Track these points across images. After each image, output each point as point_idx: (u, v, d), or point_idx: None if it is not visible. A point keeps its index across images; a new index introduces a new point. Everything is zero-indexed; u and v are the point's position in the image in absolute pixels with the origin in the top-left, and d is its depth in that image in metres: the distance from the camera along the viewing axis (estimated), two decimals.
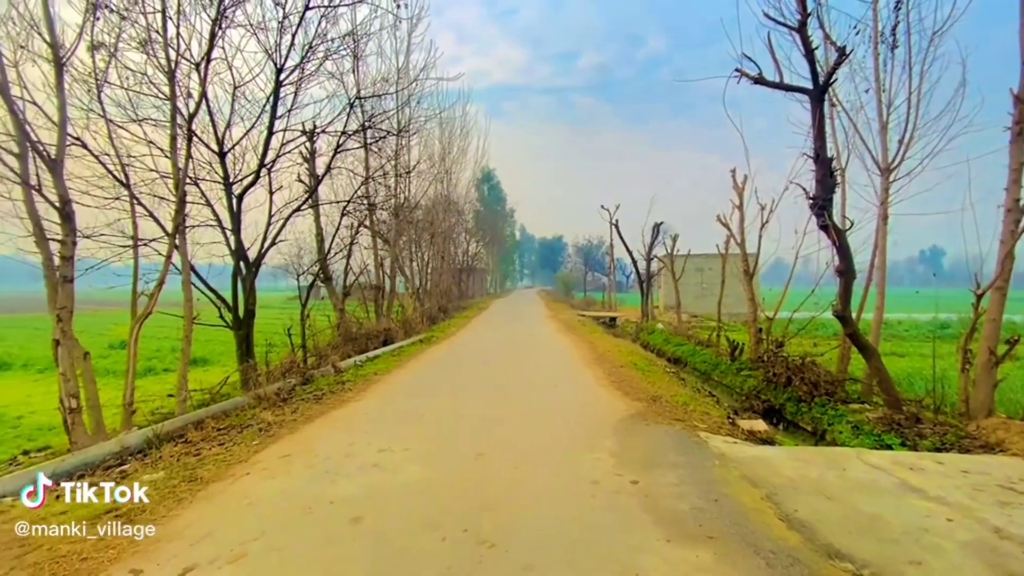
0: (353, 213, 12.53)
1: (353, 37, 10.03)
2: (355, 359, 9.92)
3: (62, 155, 5.62)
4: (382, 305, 15.45)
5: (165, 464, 4.34)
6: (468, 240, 35.96)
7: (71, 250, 5.45)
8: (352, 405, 6.34)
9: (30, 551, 2.92)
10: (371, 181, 13.56)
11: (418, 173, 18.60)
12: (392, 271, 16.88)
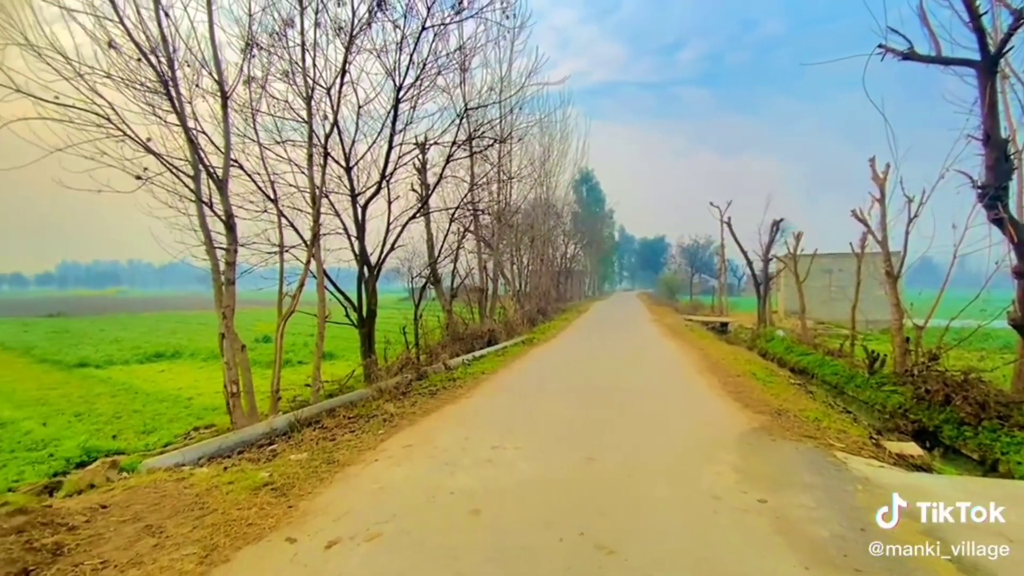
0: (459, 219, 13.15)
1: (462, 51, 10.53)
2: (463, 358, 10.36)
3: (227, 176, 6.56)
4: (485, 307, 15.99)
5: (307, 446, 4.87)
6: (566, 242, 35.88)
7: (233, 257, 6.35)
8: (464, 402, 6.63)
9: (208, 513, 3.44)
10: (476, 188, 14.13)
11: (519, 178, 18.97)
12: (494, 274, 17.39)
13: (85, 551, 3.03)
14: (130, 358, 15.16)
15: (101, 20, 6.09)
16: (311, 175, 7.92)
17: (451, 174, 13.58)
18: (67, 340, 19.62)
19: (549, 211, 25.50)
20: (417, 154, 11.07)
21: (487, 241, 16.24)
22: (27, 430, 7.79)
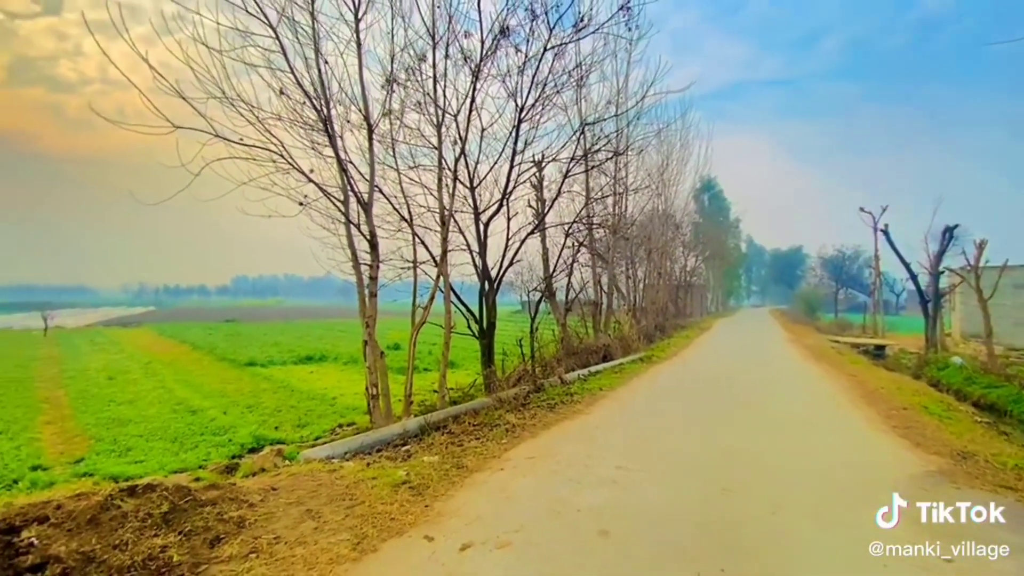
0: (574, 233, 13.18)
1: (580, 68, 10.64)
2: (578, 373, 10.28)
3: (372, 200, 7.32)
4: (599, 321, 15.74)
5: (437, 450, 5.17)
6: (686, 255, 34.05)
7: (376, 272, 7.03)
8: (583, 418, 6.56)
9: (357, 504, 3.80)
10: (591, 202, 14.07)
11: (636, 190, 18.51)
12: (609, 288, 17.08)
13: (262, 526, 3.52)
14: (287, 360, 17.45)
15: (275, 72, 7.22)
16: (440, 196, 8.52)
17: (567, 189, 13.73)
18: (239, 342, 23.22)
19: (667, 222, 24.47)
20: (535, 171, 11.35)
21: (601, 255, 16.04)
22: (212, 417, 9.31)
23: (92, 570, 2.83)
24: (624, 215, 17.40)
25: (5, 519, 3.19)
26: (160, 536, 3.18)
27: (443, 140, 8.66)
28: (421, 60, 8.52)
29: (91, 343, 23.94)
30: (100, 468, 6.52)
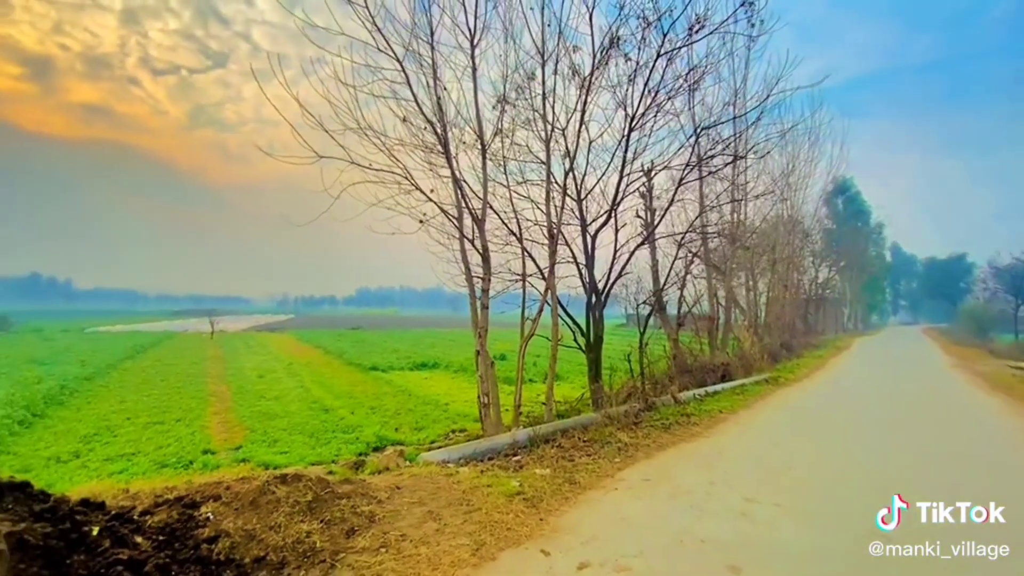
0: (687, 244, 12.52)
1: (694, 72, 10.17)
2: (694, 392, 9.68)
3: (484, 216, 7.63)
4: (716, 337, 14.72)
5: (548, 463, 5.17)
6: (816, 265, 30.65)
7: (488, 284, 7.29)
8: (702, 441, 6.15)
9: (474, 511, 3.91)
10: (706, 211, 13.30)
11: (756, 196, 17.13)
12: (726, 302, 15.94)
13: (389, 523, 3.77)
14: (404, 365, 18.72)
15: (400, 101, 7.87)
16: (548, 210, 8.62)
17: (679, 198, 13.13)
18: (363, 348, 25.40)
19: (794, 229, 22.27)
20: (644, 181, 11.03)
21: (717, 266, 15.04)
22: (342, 416, 10.25)
23: (253, 546, 3.23)
24: (743, 223, 16.20)
25: (188, 494, 3.77)
26: (306, 522, 3.55)
27: (551, 154, 8.79)
28: (530, 78, 8.76)
29: (246, 345, 27.76)
30: (254, 455, 7.49)
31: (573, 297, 10.15)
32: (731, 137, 12.02)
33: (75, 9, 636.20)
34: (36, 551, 2.35)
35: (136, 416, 10.07)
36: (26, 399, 10.92)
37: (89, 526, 2.73)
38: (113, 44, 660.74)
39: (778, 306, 21.19)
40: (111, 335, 35.47)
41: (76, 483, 6.23)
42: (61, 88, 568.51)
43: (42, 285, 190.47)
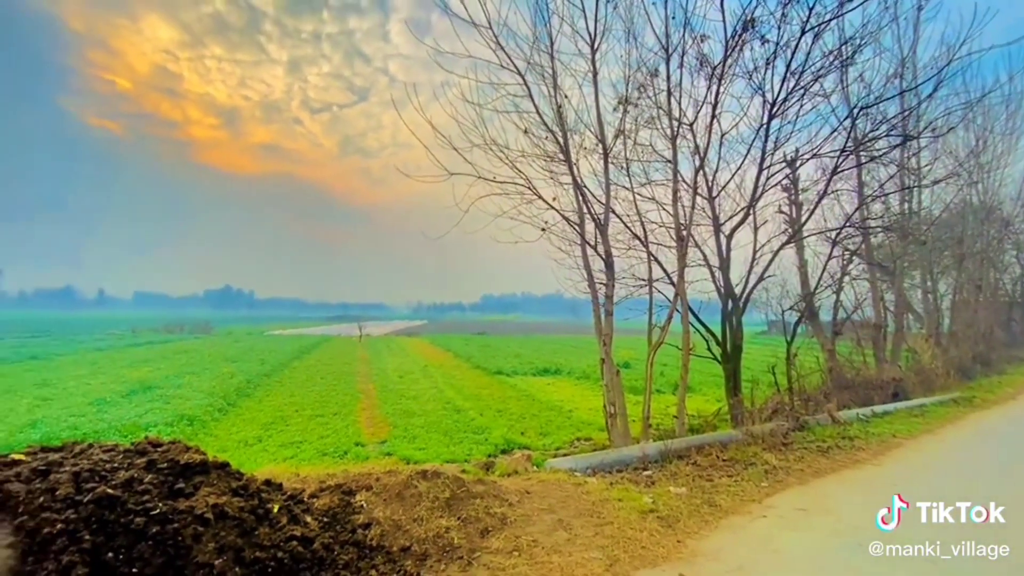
0: (843, 241, 10.95)
1: (848, 45, 8.91)
2: (856, 411, 8.39)
3: (607, 220, 7.47)
4: (882, 348, 12.64)
5: (684, 481, 4.84)
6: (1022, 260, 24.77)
7: (611, 290, 7.12)
8: (870, 470, 5.28)
9: (605, 524, 3.80)
10: (866, 202, 11.52)
11: (933, 181, 14.41)
12: (896, 307, 13.62)
13: (520, 527, 3.82)
14: (527, 371, 19.09)
15: (521, 114, 8.07)
16: (676, 211, 8.16)
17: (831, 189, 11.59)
18: (489, 353, 26.46)
19: (988, 218, 18.28)
20: (787, 172, 9.91)
21: (883, 266, 12.93)
22: (472, 417, 10.74)
23: (400, 535, 3.49)
24: (916, 213, 13.77)
25: (345, 483, 4.21)
26: (444, 518, 3.74)
27: (678, 152, 8.33)
28: (653, 75, 8.41)
29: (387, 348, 30.62)
30: (397, 450, 8.16)
31: (706, 303, 9.47)
32: (898, 115, 10.31)
33: (253, 65, 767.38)
34: (233, 521, 2.78)
35: (303, 409, 11.62)
36: (223, 391, 13.24)
37: (271, 503, 3.17)
38: (281, 91, 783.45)
39: (968, 311, 17.51)
40: (282, 337, 41.60)
41: (258, 465, 7.35)
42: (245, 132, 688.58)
43: (232, 295, 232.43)
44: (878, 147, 9.82)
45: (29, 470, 2.37)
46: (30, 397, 12.26)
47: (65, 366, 19.20)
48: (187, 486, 2.76)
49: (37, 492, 2.20)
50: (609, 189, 7.71)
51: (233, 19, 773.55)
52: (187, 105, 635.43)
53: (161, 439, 3.12)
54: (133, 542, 2.28)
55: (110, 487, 2.41)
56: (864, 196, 11.43)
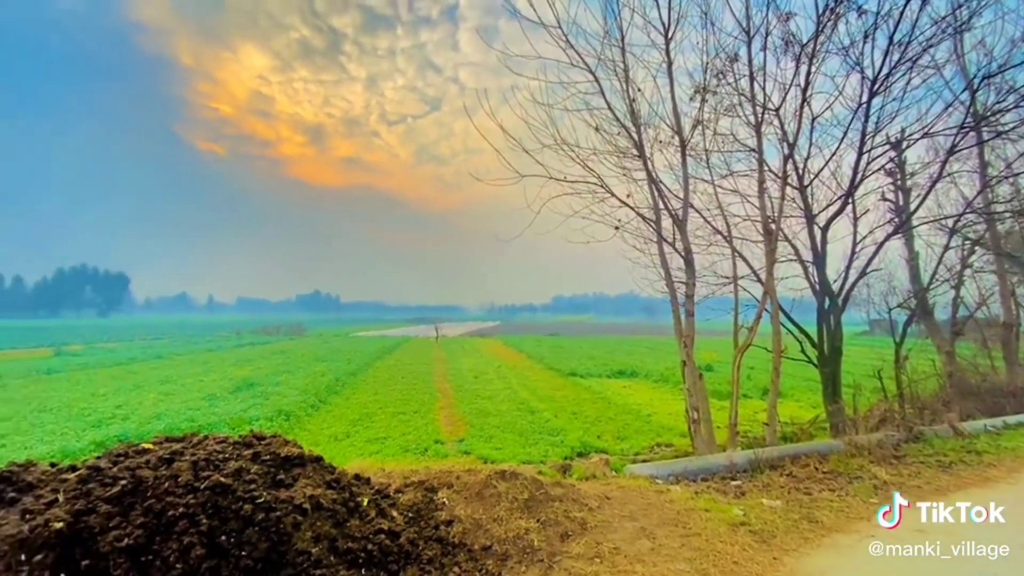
0: (962, 230, 9.67)
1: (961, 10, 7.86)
2: (984, 422, 7.36)
3: (686, 215, 7.14)
4: (1014, 351, 11.01)
5: (777, 493, 4.49)
6: None
7: (692, 290, 6.78)
8: (1004, 489, 4.59)
9: (691, 535, 3.60)
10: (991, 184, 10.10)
11: None
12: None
13: (601, 533, 3.72)
14: (601, 373, 18.74)
15: (592, 111, 7.92)
16: (762, 203, 7.63)
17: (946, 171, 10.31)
18: (561, 354, 26.31)
19: None
20: (892, 156, 8.93)
21: (1015, 256, 11.28)
22: (546, 419, 10.70)
23: (481, 534, 3.52)
24: None
25: (427, 480, 4.33)
26: (524, 519, 3.73)
27: (763, 140, 7.78)
28: (733, 61, 7.95)
29: (462, 349, 31.40)
30: (474, 449, 8.32)
31: (798, 301, 8.78)
32: None
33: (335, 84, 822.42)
34: (327, 512, 2.95)
35: (386, 407, 12.20)
36: (315, 388, 14.23)
37: (360, 497, 3.33)
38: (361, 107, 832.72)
39: None
40: (366, 339, 44.04)
41: (347, 459, 7.80)
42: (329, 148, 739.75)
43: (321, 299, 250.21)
44: (1005, 121, 8.58)
45: (156, 458, 2.65)
46: (155, 392, 13.92)
47: (182, 364, 21.60)
48: (287, 477, 2.97)
49: (163, 478, 2.45)
50: (687, 183, 7.37)
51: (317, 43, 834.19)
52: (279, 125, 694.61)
53: (264, 433, 3.38)
54: (242, 527, 2.48)
55: (223, 476, 2.64)
56: (988, 177, 10.05)
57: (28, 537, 1.99)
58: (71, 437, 8.92)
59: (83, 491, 2.31)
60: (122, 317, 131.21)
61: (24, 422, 10.28)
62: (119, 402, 12.40)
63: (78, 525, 2.12)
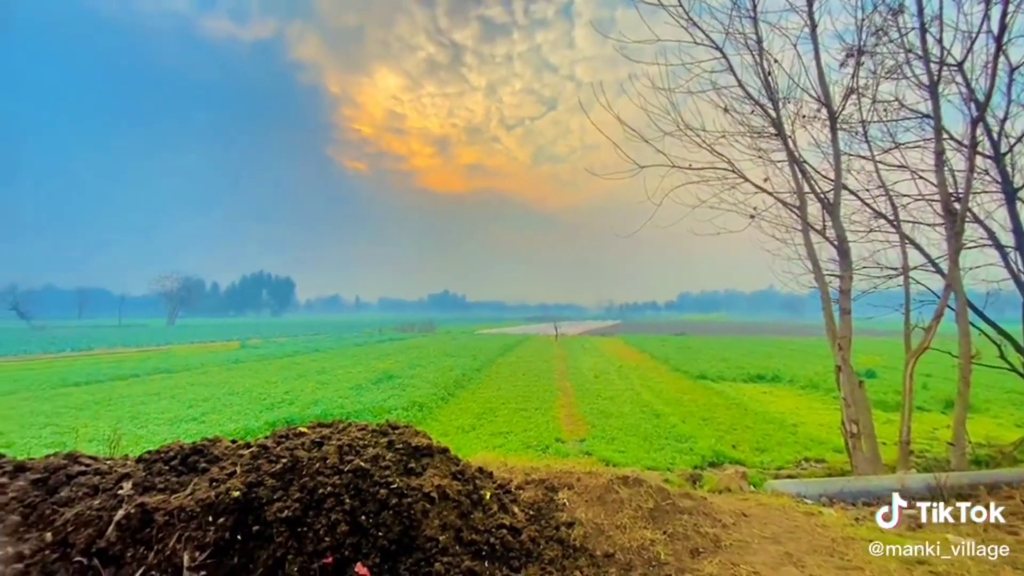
0: None
1: None
2: None
3: (838, 199, 6.22)
4: None
5: (969, 529, 3.68)
6: None
7: (847, 284, 5.89)
8: None
9: (851, 568, 3.10)
10: None
11: None
12: None
13: (737, 553, 3.38)
14: (736, 376, 17.23)
15: (720, 91, 7.27)
16: (940, 177, 6.36)
17: None
18: (689, 355, 24.77)
19: None
20: None
21: None
22: (673, 424, 10.12)
23: (603, 540, 3.41)
24: None
25: (548, 478, 4.32)
26: (648, 530, 3.54)
27: (940, 103, 6.48)
28: (897, 13, 6.77)
29: (582, 348, 31.18)
30: (596, 450, 8.16)
31: (993, 295, 7.16)
32: None
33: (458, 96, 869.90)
34: (453, 503, 3.07)
35: (508, 402, 12.55)
36: (444, 382, 15.17)
37: (483, 490, 3.42)
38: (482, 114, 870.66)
39: None
40: (489, 336, 45.92)
41: (473, 451, 8.16)
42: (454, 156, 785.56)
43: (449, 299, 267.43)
44: None
45: (309, 441, 2.99)
46: (313, 381, 15.97)
47: (335, 357, 24.52)
48: (417, 466, 3.15)
49: (314, 459, 2.76)
50: (839, 161, 6.42)
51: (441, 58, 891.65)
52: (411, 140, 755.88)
53: (397, 422, 3.65)
54: (379, 509, 2.68)
55: (363, 461, 2.89)
56: None
57: (214, 502, 2.36)
58: (251, 417, 10.61)
59: (254, 466, 2.69)
60: (289, 316, 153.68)
61: (218, 403, 12.48)
62: (287, 389, 14.47)
63: (250, 495, 2.47)
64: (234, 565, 2.23)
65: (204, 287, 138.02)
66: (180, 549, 2.17)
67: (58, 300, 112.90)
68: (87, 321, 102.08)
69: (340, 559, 2.37)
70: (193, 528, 2.23)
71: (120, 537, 2.19)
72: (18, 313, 76.73)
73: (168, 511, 2.29)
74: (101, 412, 11.50)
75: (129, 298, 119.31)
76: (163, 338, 47.19)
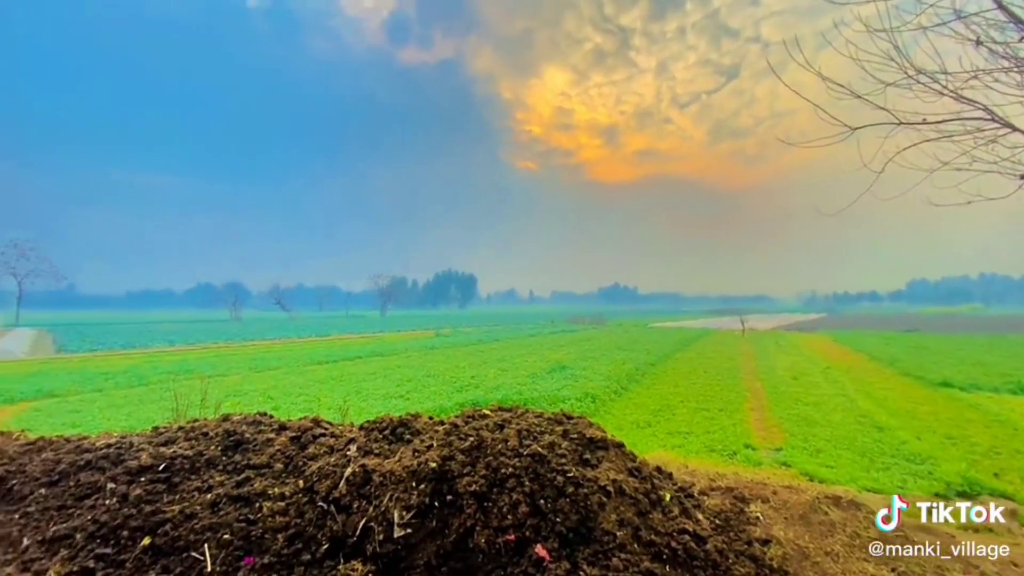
0: None
1: None
2: None
3: None
4: None
5: None
6: None
7: None
8: None
9: None
10: None
11: None
12: None
13: None
14: (999, 386, 13.37)
15: (966, 21, 5.63)
16: None
17: None
18: (925, 357, 20.03)
19: None
20: None
21: None
22: (903, 440, 8.29)
23: (808, 566, 2.96)
24: None
25: (737, 488, 3.92)
26: (870, 563, 2.95)
27: None
28: None
29: (775, 344, 27.63)
30: (795, 462, 7.15)
31: None
32: None
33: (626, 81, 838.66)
34: (629, 499, 2.99)
35: (687, 401, 11.80)
36: (617, 375, 14.96)
37: (662, 491, 3.25)
38: (651, 96, 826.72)
39: None
40: (664, 330, 43.80)
41: (648, 448, 7.86)
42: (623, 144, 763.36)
43: (619, 291, 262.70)
44: None
45: (492, 423, 3.21)
46: (494, 368, 17.24)
47: (512, 347, 26.13)
48: (592, 458, 3.15)
49: (497, 440, 2.95)
50: None
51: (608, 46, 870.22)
52: (578, 134, 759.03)
53: (571, 413, 3.69)
54: (556, 496, 2.75)
55: (540, 446, 3.00)
56: None
57: (416, 469, 2.70)
58: (444, 398, 11.93)
59: (447, 441, 3.00)
60: (473, 308, 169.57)
61: (418, 383, 14.35)
62: (472, 374, 15.92)
63: (444, 467, 2.75)
64: (432, 528, 2.51)
65: (407, 284, 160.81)
66: (392, 507, 2.53)
67: (305, 296, 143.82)
68: (326, 313, 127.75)
69: (521, 538, 2.49)
70: (401, 491, 2.58)
71: (348, 490, 2.65)
72: (280, 306, 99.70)
73: (383, 473, 2.70)
74: (335, 386, 14.21)
75: (353, 294, 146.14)
76: (377, 327, 56.46)
